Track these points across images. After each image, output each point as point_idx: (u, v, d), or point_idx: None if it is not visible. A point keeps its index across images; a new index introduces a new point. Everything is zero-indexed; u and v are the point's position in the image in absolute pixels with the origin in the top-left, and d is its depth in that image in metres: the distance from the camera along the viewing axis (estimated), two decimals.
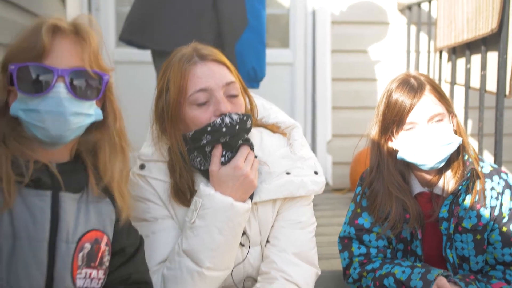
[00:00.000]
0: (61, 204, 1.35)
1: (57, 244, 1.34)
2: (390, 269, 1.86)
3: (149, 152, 1.74)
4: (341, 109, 4.27)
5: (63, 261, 1.34)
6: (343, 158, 4.16)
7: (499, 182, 1.92)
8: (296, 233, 1.75)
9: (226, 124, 1.61)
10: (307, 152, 1.82)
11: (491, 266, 1.92)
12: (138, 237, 1.57)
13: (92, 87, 1.37)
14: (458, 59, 3.11)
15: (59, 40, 1.35)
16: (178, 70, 1.65)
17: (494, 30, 2.50)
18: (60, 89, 1.32)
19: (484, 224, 1.88)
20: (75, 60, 1.35)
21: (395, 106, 1.89)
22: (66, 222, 1.35)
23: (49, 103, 1.31)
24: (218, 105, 1.63)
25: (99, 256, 1.40)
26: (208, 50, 1.70)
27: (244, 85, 1.77)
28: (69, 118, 1.32)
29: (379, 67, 4.25)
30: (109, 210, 1.46)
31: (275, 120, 1.85)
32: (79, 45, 1.36)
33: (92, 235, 1.40)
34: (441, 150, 1.86)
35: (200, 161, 1.67)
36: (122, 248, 1.49)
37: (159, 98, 1.69)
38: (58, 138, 1.33)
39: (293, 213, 1.76)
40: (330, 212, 3.51)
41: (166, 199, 1.71)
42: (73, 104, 1.33)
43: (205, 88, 1.64)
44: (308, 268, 1.74)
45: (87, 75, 1.35)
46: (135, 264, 1.52)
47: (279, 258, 1.71)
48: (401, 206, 1.90)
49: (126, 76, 4.33)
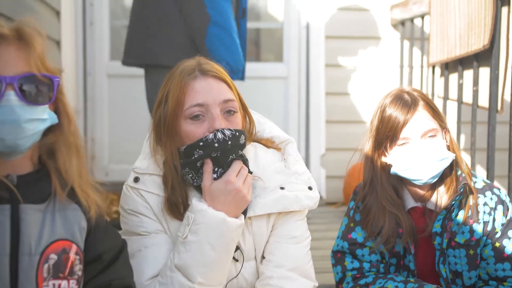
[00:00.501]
0: (22, 216, 1.32)
1: (19, 257, 1.31)
2: (383, 284, 1.86)
3: (144, 165, 1.74)
4: (335, 123, 4.29)
5: (26, 275, 1.30)
6: (337, 172, 4.16)
7: (492, 198, 1.93)
8: (292, 248, 1.74)
9: (219, 139, 1.61)
10: (301, 167, 1.82)
11: (484, 282, 1.93)
12: (118, 242, 1.52)
13: (43, 91, 1.34)
14: (450, 75, 3.14)
15: (3, 47, 1.32)
16: (178, 82, 1.66)
17: (486, 46, 2.53)
18: (11, 97, 1.29)
19: (477, 239, 1.89)
20: (22, 66, 1.32)
21: (388, 121, 1.90)
22: (27, 234, 1.32)
23: (1, 113, 1.28)
24: (213, 121, 1.63)
25: (68, 266, 1.36)
26: (211, 66, 1.71)
27: (244, 103, 1.77)
28: (23, 126, 1.30)
29: (372, 82, 4.27)
30: (77, 217, 1.41)
31: (270, 135, 1.86)
32: (24, 50, 1.33)
33: (58, 245, 1.36)
34: (434, 165, 1.87)
35: (191, 177, 1.67)
36: (99, 255, 1.45)
37: (158, 108, 1.70)
38: (14, 147, 1.31)
39: (287, 228, 1.75)
40: (323, 226, 3.51)
41: (159, 212, 1.70)
42: (25, 111, 1.30)
43: (202, 103, 1.64)
44: (304, 281, 1.73)
45: (36, 79, 1.33)
46: (116, 270, 1.47)
47: (275, 274, 1.70)
48: (394, 220, 1.91)
49: (120, 89, 4.34)
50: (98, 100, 4.33)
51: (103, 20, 4.34)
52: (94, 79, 4.33)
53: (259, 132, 1.85)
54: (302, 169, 1.81)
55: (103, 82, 4.35)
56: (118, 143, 4.00)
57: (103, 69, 4.35)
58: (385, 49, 4.28)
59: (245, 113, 1.78)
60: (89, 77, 4.32)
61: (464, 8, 2.77)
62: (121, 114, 4.34)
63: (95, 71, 4.34)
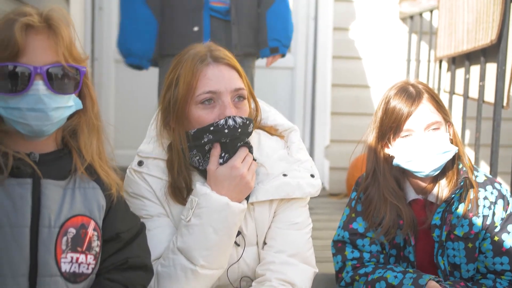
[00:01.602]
0: (42, 190, 1.38)
1: (39, 229, 1.36)
2: (383, 273, 1.88)
3: (148, 149, 1.76)
4: (340, 115, 4.29)
5: (46, 246, 1.36)
6: (341, 164, 4.18)
7: (492, 192, 1.94)
8: (293, 234, 1.76)
9: (229, 126, 1.64)
10: (304, 155, 1.83)
11: (482, 275, 1.94)
12: (136, 223, 1.58)
13: (70, 81, 1.40)
14: (457, 69, 3.14)
15: (32, 37, 1.36)
16: (190, 68, 1.67)
17: (493, 42, 2.52)
18: (39, 87, 1.35)
19: (476, 232, 1.90)
20: (51, 56, 1.37)
21: (392, 113, 1.91)
22: (47, 208, 1.37)
23: (29, 101, 1.34)
24: (224, 109, 1.65)
25: (87, 241, 1.41)
26: (222, 53, 1.73)
27: (252, 91, 1.80)
28: (50, 114, 1.36)
29: (379, 75, 4.27)
30: (97, 195, 1.47)
31: (274, 123, 1.87)
32: (52, 40, 1.38)
33: (77, 220, 1.41)
34: (437, 158, 1.88)
35: (198, 159, 1.69)
36: (117, 233, 1.50)
37: (167, 91, 1.72)
38: (40, 132, 1.37)
39: (289, 214, 1.77)
40: (325, 216, 3.53)
41: (162, 196, 1.72)
42: (52, 99, 1.36)
43: (214, 91, 1.66)
44: (305, 267, 1.75)
45: (64, 69, 1.38)
46: (132, 249, 1.53)
47: (276, 259, 1.72)
48: (395, 212, 1.92)
49: (127, 75, 4.35)
50: (105, 86, 4.35)
51: (112, 5, 4.36)
52: (101, 64, 4.35)
53: (263, 119, 1.87)
54: (305, 157, 1.83)
55: (110, 68, 4.37)
56: (124, 128, 4.02)
57: (111, 55, 4.37)
58: (392, 42, 4.28)
59: (253, 100, 1.80)
60: (96, 63, 4.34)
61: (473, 3, 2.77)
62: (128, 99, 4.37)
63: (102, 56, 4.36)
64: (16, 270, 1.32)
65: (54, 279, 1.36)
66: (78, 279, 1.40)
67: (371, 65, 4.28)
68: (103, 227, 1.48)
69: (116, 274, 1.48)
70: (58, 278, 1.36)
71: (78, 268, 1.40)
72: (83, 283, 1.42)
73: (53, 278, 1.36)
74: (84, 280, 1.42)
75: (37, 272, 1.35)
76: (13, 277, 1.32)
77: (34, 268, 1.35)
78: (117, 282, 1.47)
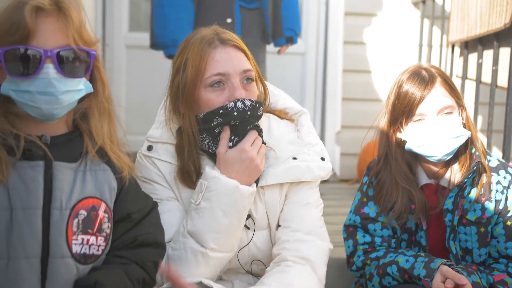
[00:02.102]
0: (54, 173, 1.39)
1: (51, 211, 1.37)
2: (394, 257, 1.89)
3: (157, 134, 1.77)
4: (351, 101, 4.28)
5: (57, 228, 1.37)
6: (352, 150, 4.17)
7: (505, 176, 1.93)
8: (306, 213, 1.77)
9: (238, 108, 1.64)
10: (314, 138, 1.83)
11: (494, 259, 1.94)
12: (148, 204, 1.59)
13: (81, 64, 1.40)
14: (470, 54, 3.11)
15: (43, 20, 1.36)
16: (198, 51, 1.67)
17: (507, 25, 2.50)
18: (49, 70, 1.35)
19: (489, 217, 1.89)
20: (61, 39, 1.37)
21: (405, 97, 1.90)
22: (59, 190, 1.38)
23: (40, 84, 1.35)
24: (234, 91, 1.65)
25: (97, 223, 1.43)
26: (229, 35, 1.73)
27: (260, 73, 1.79)
28: (60, 97, 1.36)
29: (390, 60, 4.24)
30: (108, 177, 1.48)
31: (283, 106, 1.87)
32: (62, 23, 1.38)
33: (88, 202, 1.42)
34: (450, 142, 1.87)
35: (208, 143, 1.70)
36: (128, 214, 1.51)
37: (175, 76, 1.72)
38: (50, 115, 1.38)
39: (301, 195, 1.78)
40: (336, 202, 3.53)
41: (172, 180, 1.73)
42: (63, 83, 1.37)
43: (223, 72, 1.66)
44: (319, 243, 1.75)
45: (74, 53, 1.38)
46: (142, 227, 1.54)
47: (291, 237, 1.73)
48: (407, 196, 1.92)
49: (138, 60, 4.36)
50: (116, 72, 4.36)
51: None
52: (112, 50, 4.35)
53: (272, 103, 1.87)
54: (315, 140, 1.83)
55: (121, 53, 4.38)
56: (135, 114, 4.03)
57: (122, 40, 4.37)
58: (404, 27, 4.24)
59: (261, 83, 1.80)
60: (108, 48, 4.34)
61: None
62: (139, 85, 4.37)
63: (113, 42, 4.36)
64: (29, 251, 1.34)
65: (65, 261, 1.37)
66: (88, 261, 1.42)
67: (382, 50, 4.25)
68: (115, 208, 1.49)
69: (125, 252, 1.49)
70: (69, 259, 1.38)
71: (89, 250, 1.41)
72: (92, 264, 1.43)
73: (64, 259, 1.37)
74: (94, 261, 1.43)
75: (48, 253, 1.36)
76: (26, 259, 1.34)
77: (45, 249, 1.36)
78: (126, 258, 1.49)
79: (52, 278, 1.36)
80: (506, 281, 1.84)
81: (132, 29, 4.44)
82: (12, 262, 1.33)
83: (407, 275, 1.83)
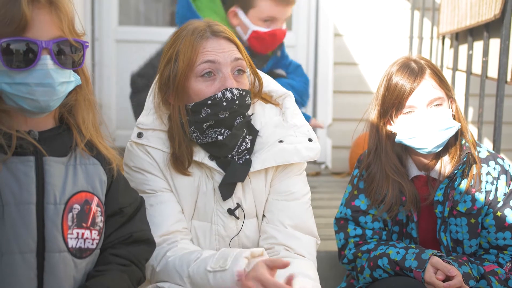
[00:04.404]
0: (46, 167, 1.39)
1: (45, 206, 1.37)
2: (385, 250, 1.89)
3: (148, 121, 1.76)
4: (342, 93, 4.27)
5: (53, 222, 1.37)
6: (343, 142, 4.17)
7: (495, 167, 1.93)
8: (291, 205, 1.77)
9: (227, 98, 1.64)
10: (300, 120, 1.82)
11: (485, 250, 1.95)
12: (137, 198, 1.60)
13: (75, 56, 1.41)
14: (460, 45, 3.11)
15: (37, 11, 1.36)
16: (190, 42, 1.68)
17: (497, 16, 2.49)
18: (47, 61, 1.35)
19: (479, 208, 1.90)
20: (55, 31, 1.38)
21: (394, 89, 1.90)
22: (52, 184, 1.38)
23: (37, 76, 1.35)
24: (225, 81, 1.66)
25: (91, 217, 1.43)
26: (221, 27, 1.73)
27: (253, 65, 1.79)
28: (57, 88, 1.37)
29: (381, 53, 4.24)
30: (98, 171, 1.49)
31: (267, 89, 1.86)
32: (55, 14, 1.38)
33: (81, 196, 1.43)
34: (440, 134, 1.87)
35: (196, 136, 1.70)
36: (120, 208, 1.52)
37: (166, 67, 1.71)
38: (46, 108, 1.38)
39: (284, 184, 1.78)
40: (328, 195, 3.53)
41: (164, 167, 1.73)
42: (59, 74, 1.37)
43: (213, 60, 1.66)
44: (308, 238, 1.77)
45: (69, 44, 1.39)
46: (135, 224, 1.55)
47: (278, 233, 1.73)
48: (398, 189, 1.92)
49: (128, 55, 4.32)
50: (106, 66, 4.32)
51: None
52: (102, 44, 4.32)
53: (256, 86, 1.85)
54: (301, 122, 1.82)
55: (111, 48, 4.34)
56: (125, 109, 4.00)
57: (111, 35, 4.34)
58: (395, 19, 4.24)
59: (254, 74, 1.79)
60: (97, 43, 4.30)
61: None
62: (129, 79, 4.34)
63: (103, 36, 4.32)
64: (24, 246, 1.34)
65: (62, 255, 1.38)
66: (84, 255, 1.42)
67: (373, 42, 4.24)
68: (106, 202, 1.50)
69: (121, 249, 1.50)
70: (66, 253, 1.38)
71: (84, 244, 1.42)
72: (88, 258, 1.44)
73: (62, 253, 1.37)
74: (89, 255, 1.44)
75: (44, 248, 1.36)
76: (21, 254, 1.33)
77: (41, 244, 1.36)
78: (122, 257, 1.50)
79: (50, 272, 1.36)
80: (496, 271, 1.85)
81: (122, 23, 4.41)
82: (6, 257, 1.32)
83: (398, 267, 1.84)
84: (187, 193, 1.74)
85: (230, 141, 1.70)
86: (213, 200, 1.74)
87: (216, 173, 1.73)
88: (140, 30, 4.51)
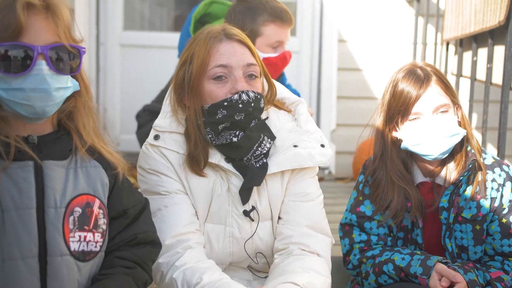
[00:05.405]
0: (45, 171, 1.38)
1: (45, 210, 1.37)
2: (390, 256, 1.89)
3: (165, 123, 1.78)
4: (346, 99, 4.29)
5: (54, 226, 1.37)
6: (347, 148, 4.18)
7: (501, 174, 1.93)
8: (306, 205, 1.79)
9: (243, 100, 1.67)
10: (313, 126, 1.86)
11: (490, 257, 1.94)
12: (141, 199, 1.60)
13: (72, 61, 1.41)
14: (464, 52, 3.12)
15: (33, 17, 1.35)
16: (204, 45, 1.71)
17: (501, 23, 2.50)
18: (42, 66, 1.34)
19: (484, 214, 1.90)
20: (52, 36, 1.37)
21: (400, 96, 1.91)
22: (52, 188, 1.38)
23: (33, 81, 1.34)
24: (236, 83, 1.68)
25: (93, 219, 1.43)
26: (236, 31, 1.76)
27: (266, 70, 1.81)
28: (53, 94, 1.36)
29: (385, 58, 4.25)
30: (99, 173, 1.48)
31: (280, 96, 1.89)
32: (52, 20, 1.37)
33: (82, 199, 1.42)
34: (445, 141, 1.87)
35: (211, 137, 1.72)
36: (124, 210, 1.52)
37: (181, 68, 1.75)
38: (42, 113, 1.37)
39: (299, 186, 1.80)
40: (332, 200, 3.53)
41: (179, 169, 1.74)
42: (55, 79, 1.36)
43: (225, 64, 1.69)
44: (323, 237, 1.79)
45: (65, 49, 1.38)
46: (140, 225, 1.55)
47: (294, 232, 1.76)
48: (403, 195, 1.92)
49: (132, 59, 4.35)
50: (110, 70, 4.34)
51: None
52: (106, 49, 4.34)
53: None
54: (314, 128, 1.85)
55: (115, 52, 4.36)
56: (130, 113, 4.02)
57: (116, 39, 4.36)
58: (399, 25, 4.25)
59: (267, 79, 1.82)
60: (102, 47, 4.32)
61: None
62: (133, 84, 4.36)
63: (107, 41, 4.35)
64: (26, 251, 1.33)
65: (65, 258, 1.37)
66: (87, 258, 1.42)
67: (377, 48, 4.25)
68: (109, 205, 1.49)
69: (126, 251, 1.50)
70: (68, 257, 1.38)
71: (87, 247, 1.41)
72: (92, 261, 1.43)
73: (64, 257, 1.37)
74: (93, 258, 1.43)
75: (46, 252, 1.36)
76: (23, 259, 1.33)
77: (43, 249, 1.36)
78: (128, 260, 1.49)
79: (53, 276, 1.36)
80: (503, 278, 1.85)
81: (127, 27, 4.43)
82: (8, 263, 1.32)
83: (403, 273, 1.84)
84: (201, 195, 1.75)
85: (245, 143, 1.71)
86: (227, 202, 1.75)
87: (232, 175, 1.74)
88: (145, 35, 4.54)
